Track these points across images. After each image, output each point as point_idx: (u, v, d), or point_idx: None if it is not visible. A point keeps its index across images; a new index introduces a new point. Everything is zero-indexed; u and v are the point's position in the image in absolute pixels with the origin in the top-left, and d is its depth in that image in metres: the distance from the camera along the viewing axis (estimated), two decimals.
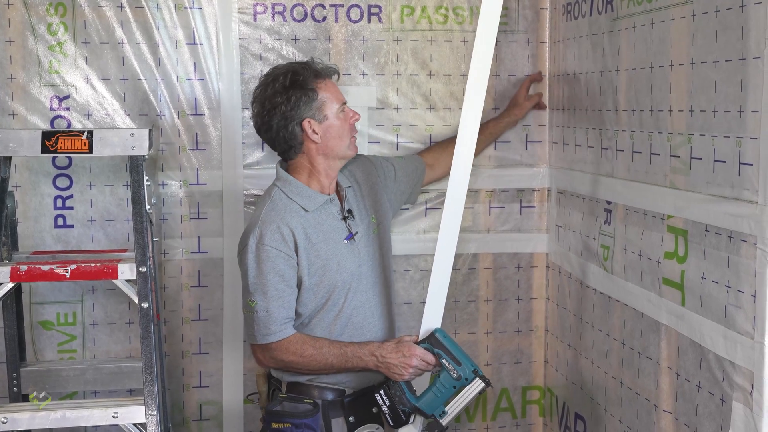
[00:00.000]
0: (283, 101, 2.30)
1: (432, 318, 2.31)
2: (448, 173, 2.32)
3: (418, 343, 2.31)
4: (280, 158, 2.45)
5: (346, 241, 2.38)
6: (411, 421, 2.30)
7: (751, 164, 1.77)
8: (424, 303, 2.32)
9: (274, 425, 2.33)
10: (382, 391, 2.30)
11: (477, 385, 2.27)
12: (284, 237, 2.28)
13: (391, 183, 2.63)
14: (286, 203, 2.33)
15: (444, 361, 2.28)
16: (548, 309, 2.99)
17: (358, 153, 2.61)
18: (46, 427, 2.14)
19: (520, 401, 3.05)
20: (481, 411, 3.03)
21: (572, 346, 2.77)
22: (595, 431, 2.61)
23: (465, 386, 2.27)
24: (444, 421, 2.28)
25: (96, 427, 2.79)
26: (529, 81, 2.88)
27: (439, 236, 2.27)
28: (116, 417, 2.12)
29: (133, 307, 2.71)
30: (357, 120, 2.42)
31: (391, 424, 2.30)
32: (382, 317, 2.46)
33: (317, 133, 2.33)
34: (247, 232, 2.32)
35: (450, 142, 2.66)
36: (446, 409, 2.28)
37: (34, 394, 2.34)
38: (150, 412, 2.13)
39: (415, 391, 2.32)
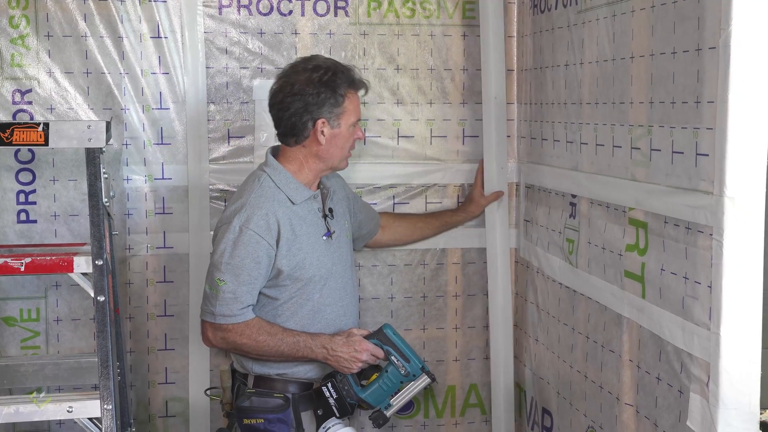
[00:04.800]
0: (312, 93, 2.32)
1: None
2: (393, 242, 2.67)
3: (367, 337, 2.37)
4: (269, 147, 2.47)
5: (324, 238, 2.40)
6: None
7: (707, 155, 1.76)
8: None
9: (246, 421, 2.33)
10: (329, 384, 2.36)
11: (423, 380, 2.37)
12: (269, 226, 2.28)
13: (352, 209, 2.63)
14: (274, 192, 2.33)
15: (393, 357, 2.35)
16: (516, 304, 2.97)
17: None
18: (0, 422, 2.11)
19: (489, 397, 3.03)
20: (450, 407, 3.01)
21: (539, 341, 2.76)
22: (561, 426, 2.60)
23: (411, 381, 2.37)
24: (388, 413, 2.37)
25: (60, 423, 2.77)
26: (481, 176, 2.84)
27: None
28: (71, 411, 2.10)
29: None
30: (361, 139, 2.46)
31: (338, 415, 2.36)
32: (354, 317, 2.49)
33: (324, 136, 2.34)
34: (234, 211, 2.30)
35: (407, 216, 2.81)
36: (391, 401, 2.38)
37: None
38: (105, 406, 2.11)
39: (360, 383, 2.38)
